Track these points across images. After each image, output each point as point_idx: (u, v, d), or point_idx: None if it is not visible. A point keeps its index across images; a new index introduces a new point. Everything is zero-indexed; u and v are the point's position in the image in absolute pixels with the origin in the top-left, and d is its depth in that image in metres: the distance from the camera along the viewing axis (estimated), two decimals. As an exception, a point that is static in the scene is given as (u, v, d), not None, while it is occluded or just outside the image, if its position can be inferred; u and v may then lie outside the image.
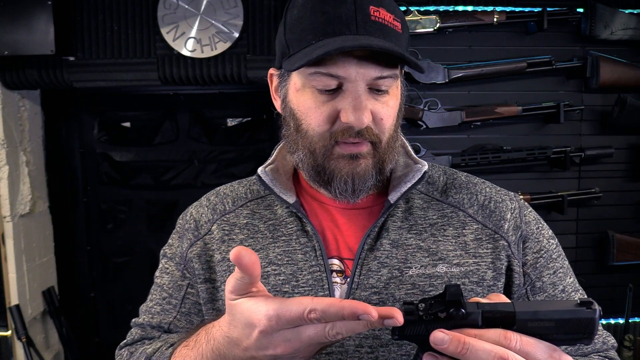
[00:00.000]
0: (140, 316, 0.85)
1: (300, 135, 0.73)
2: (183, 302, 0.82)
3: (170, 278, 0.84)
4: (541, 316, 0.49)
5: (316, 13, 0.67)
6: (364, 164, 0.72)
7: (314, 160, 0.73)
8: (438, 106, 2.09)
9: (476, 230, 0.77)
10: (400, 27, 0.70)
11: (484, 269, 0.74)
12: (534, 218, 0.82)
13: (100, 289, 2.75)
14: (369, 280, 0.73)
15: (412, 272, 0.73)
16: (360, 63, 0.67)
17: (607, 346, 0.78)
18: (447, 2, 2.11)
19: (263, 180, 0.80)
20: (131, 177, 2.73)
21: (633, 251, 2.19)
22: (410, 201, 0.79)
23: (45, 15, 1.99)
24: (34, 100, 2.42)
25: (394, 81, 0.71)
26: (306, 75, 0.69)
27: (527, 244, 0.78)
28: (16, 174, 2.26)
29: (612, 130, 2.18)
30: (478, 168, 2.10)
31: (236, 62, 2.13)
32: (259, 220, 0.81)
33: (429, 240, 0.76)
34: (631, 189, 2.24)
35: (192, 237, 0.83)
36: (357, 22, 0.66)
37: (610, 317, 2.29)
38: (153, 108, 2.72)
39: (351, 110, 0.67)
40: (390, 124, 0.72)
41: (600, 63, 2.08)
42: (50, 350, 2.49)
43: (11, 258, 2.22)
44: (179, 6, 2.08)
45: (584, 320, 0.49)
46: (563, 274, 0.80)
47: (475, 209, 0.79)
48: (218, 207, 0.84)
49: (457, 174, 0.85)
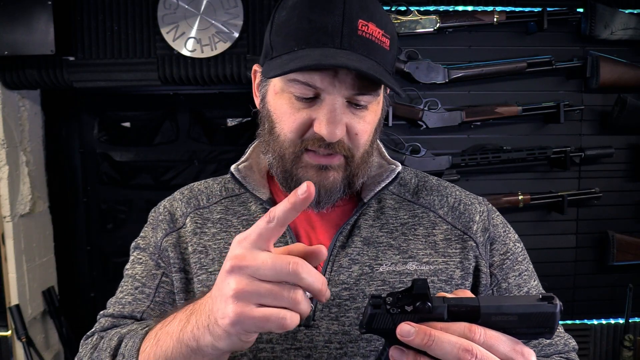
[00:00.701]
0: (108, 308, 0.82)
1: (272, 137, 0.73)
2: (157, 290, 0.79)
3: (143, 267, 0.82)
4: (505, 310, 0.51)
5: (302, 19, 0.66)
6: (333, 177, 0.71)
7: (282, 165, 0.73)
8: (438, 106, 2.09)
9: (446, 230, 0.79)
10: (389, 43, 0.69)
11: (453, 268, 0.76)
12: (501, 222, 0.84)
13: (100, 289, 2.74)
14: (340, 276, 0.74)
15: (383, 269, 0.74)
16: (340, 79, 0.66)
17: (569, 348, 0.80)
18: (447, 2, 2.11)
19: (235, 177, 0.81)
20: (131, 177, 2.73)
21: (633, 251, 2.19)
22: (382, 201, 0.81)
23: (45, 15, 1.99)
24: (34, 100, 2.42)
25: (374, 98, 0.70)
26: (285, 80, 0.69)
27: (494, 246, 0.81)
28: (16, 174, 2.26)
29: (612, 130, 2.18)
30: (478, 168, 2.10)
31: (236, 62, 2.13)
32: (232, 216, 0.81)
33: (400, 239, 0.77)
34: (631, 189, 2.24)
35: (167, 228, 0.82)
36: (342, 35, 0.65)
37: (610, 317, 2.29)
38: (153, 108, 2.72)
39: (325, 122, 0.67)
40: (365, 139, 0.72)
41: (600, 63, 2.08)
42: (50, 350, 2.49)
43: (11, 258, 2.22)
44: (179, 6, 2.08)
45: (545, 314, 0.51)
46: (528, 276, 0.82)
47: (445, 210, 0.81)
48: (192, 201, 0.84)
49: (428, 177, 0.87)
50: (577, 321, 2.29)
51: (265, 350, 0.71)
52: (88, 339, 0.79)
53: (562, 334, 0.81)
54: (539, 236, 2.22)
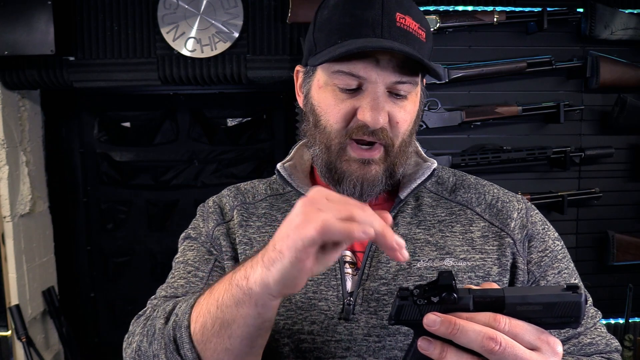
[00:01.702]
0: (158, 293, 0.80)
1: (318, 130, 0.76)
2: (211, 274, 0.80)
3: (195, 253, 0.82)
4: (529, 300, 0.52)
5: (345, 15, 0.71)
6: (375, 170, 0.74)
7: (327, 157, 0.76)
8: (438, 106, 2.09)
9: (483, 227, 0.79)
10: (425, 36, 0.73)
11: (490, 265, 0.76)
12: (540, 219, 0.84)
13: (100, 289, 2.74)
14: (378, 271, 0.75)
15: (420, 265, 0.75)
16: (382, 66, 0.69)
17: (610, 348, 0.79)
18: (447, 2, 2.11)
19: (281, 174, 0.83)
20: (131, 177, 2.73)
21: (633, 251, 2.19)
22: (420, 199, 0.82)
23: (45, 15, 1.99)
24: (34, 100, 2.42)
25: (414, 87, 0.74)
26: (329, 73, 0.72)
27: (533, 243, 0.80)
28: (16, 174, 2.26)
29: (612, 130, 2.18)
30: (478, 168, 2.10)
31: (236, 62, 2.13)
32: (276, 211, 0.83)
33: (437, 236, 0.78)
34: (631, 189, 2.24)
35: (217, 219, 0.84)
36: (382, 26, 0.69)
37: (610, 317, 2.29)
38: (153, 108, 2.72)
39: (368, 109, 0.70)
40: (405, 128, 0.75)
41: (600, 63, 2.08)
42: (50, 350, 2.49)
43: (11, 258, 2.22)
44: (179, 6, 2.08)
45: (570, 303, 0.51)
46: (568, 274, 0.81)
47: (483, 208, 0.82)
48: (239, 197, 0.87)
49: (466, 175, 0.88)
50: (577, 321, 2.29)
51: (307, 342, 0.72)
52: (140, 318, 0.77)
53: (604, 333, 0.80)
54: (539, 236, 2.21)
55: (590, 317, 0.80)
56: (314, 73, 0.77)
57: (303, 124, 0.82)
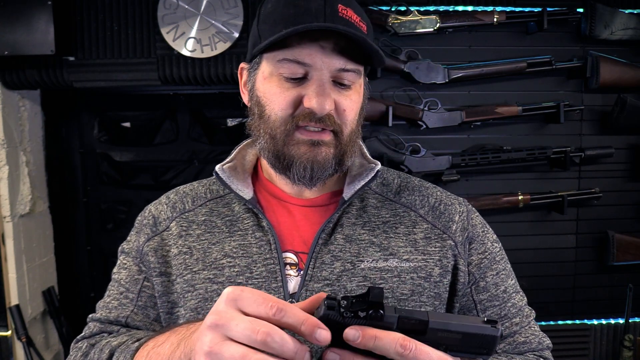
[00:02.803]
0: (97, 312, 0.85)
1: (262, 120, 0.76)
2: (139, 295, 0.83)
3: (127, 273, 0.85)
4: (451, 328, 0.53)
5: (288, 6, 0.71)
6: (325, 152, 0.74)
7: (274, 146, 0.75)
8: (438, 106, 2.09)
9: (426, 229, 0.81)
10: (366, 29, 0.74)
11: (432, 266, 0.78)
12: (480, 222, 0.86)
13: (100, 289, 2.74)
14: (322, 272, 0.75)
15: (364, 266, 0.76)
16: (326, 53, 0.71)
17: (542, 346, 0.82)
18: (447, 2, 2.11)
19: (220, 176, 0.83)
20: (131, 177, 2.73)
21: (633, 251, 2.19)
22: (365, 200, 0.83)
23: (45, 15, 1.99)
24: (34, 100, 2.42)
25: (358, 77, 0.75)
26: (274, 62, 0.73)
27: (473, 245, 0.83)
28: (16, 174, 2.26)
29: (612, 130, 2.18)
30: (478, 168, 2.10)
31: (236, 62, 2.13)
32: (216, 217, 0.83)
33: (381, 237, 0.79)
34: (631, 189, 2.24)
35: (149, 232, 0.85)
36: (325, 15, 0.70)
37: (610, 317, 2.29)
38: (153, 108, 2.72)
39: (314, 95, 0.71)
40: (352, 117, 0.76)
41: (600, 63, 2.08)
42: (50, 350, 2.49)
43: (11, 258, 2.22)
44: (179, 6, 2.08)
45: (487, 337, 0.53)
46: (505, 275, 0.84)
47: (426, 210, 0.83)
48: (177, 205, 0.86)
49: (410, 178, 0.90)
50: (577, 321, 2.29)
51: None
52: (78, 342, 0.82)
53: (537, 332, 0.83)
54: (539, 236, 2.22)
55: (525, 316, 0.83)
56: (258, 66, 0.77)
57: (248, 119, 0.81)
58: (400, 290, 0.75)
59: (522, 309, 0.83)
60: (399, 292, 0.75)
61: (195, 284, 0.77)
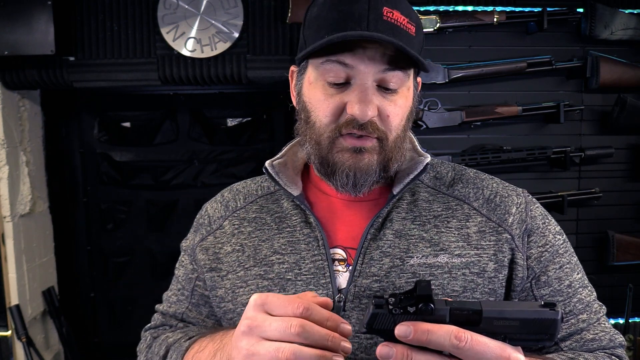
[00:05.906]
0: (163, 303, 0.93)
1: (308, 126, 0.76)
2: (192, 293, 0.88)
3: (184, 270, 0.90)
4: (507, 315, 0.51)
5: (332, 10, 0.71)
6: (368, 158, 0.73)
7: (319, 152, 0.76)
8: (438, 106, 2.09)
9: (480, 222, 0.78)
10: (414, 30, 0.72)
11: (486, 261, 0.75)
12: (540, 213, 0.83)
13: (100, 289, 2.74)
14: (371, 268, 0.74)
15: (414, 262, 0.74)
16: (369, 55, 0.70)
17: (614, 344, 0.79)
18: (447, 2, 2.11)
19: (269, 172, 0.83)
20: (131, 177, 2.73)
21: (633, 251, 2.19)
22: (416, 194, 0.81)
23: (45, 15, 1.99)
24: (34, 100, 2.42)
25: (404, 81, 0.73)
26: (318, 65, 0.73)
27: (532, 238, 0.79)
28: (16, 174, 2.27)
29: (612, 130, 2.18)
30: (478, 168, 2.10)
31: (236, 62, 2.13)
32: (266, 214, 0.84)
33: (432, 231, 0.77)
34: (631, 189, 2.24)
35: (204, 232, 0.87)
36: (368, 20, 0.69)
37: (610, 317, 2.29)
38: (153, 108, 2.72)
39: (357, 102, 0.70)
40: (397, 122, 0.74)
41: (600, 63, 2.08)
42: (50, 350, 2.49)
43: (11, 258, 2.22)
44: (179, 6, 2.08)
45: (546, 320, 0.51)
46: (570, 269, 0.81)
47: (480, 203, 0.80)
48: (230, 204, 0.88)
49: (465, 170, 0.87)
50: (577, 321, 2.29)
51: None
52: (146, 332, 0.92)
53: (607, 329, 0.79)
54: (539, 236, 2.21)
55: (593, 312, 0.80)
56: (305, 71, 0.77)
57: (297, 123, 0.82)
58: (451, 287, 0.73)
59: (590, 305, 0.80)
60: (450, 289, 0.73)
61: (247, 279, 0.79)
